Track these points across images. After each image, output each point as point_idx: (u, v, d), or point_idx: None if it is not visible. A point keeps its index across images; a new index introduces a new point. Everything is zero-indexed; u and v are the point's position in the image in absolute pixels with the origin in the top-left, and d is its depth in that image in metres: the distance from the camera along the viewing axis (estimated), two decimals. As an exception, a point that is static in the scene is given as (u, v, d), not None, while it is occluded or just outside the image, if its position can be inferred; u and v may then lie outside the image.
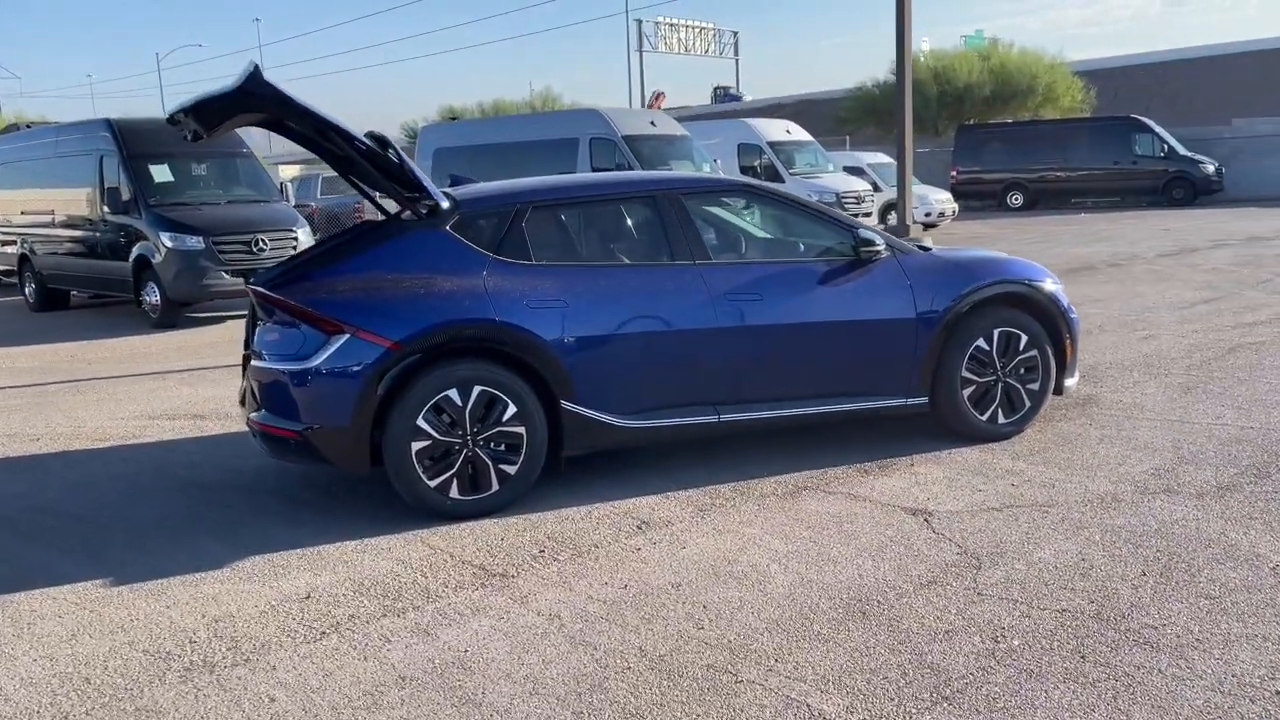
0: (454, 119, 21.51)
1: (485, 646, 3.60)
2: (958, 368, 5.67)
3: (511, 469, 4.97)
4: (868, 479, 5.28)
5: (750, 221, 6.37)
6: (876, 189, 21.90)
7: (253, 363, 4.98)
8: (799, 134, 21.33)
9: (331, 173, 23.13)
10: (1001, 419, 5.82)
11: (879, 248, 5.53)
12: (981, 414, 5.77)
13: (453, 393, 4.83)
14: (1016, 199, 29.78)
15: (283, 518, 5.12)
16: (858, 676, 3.26)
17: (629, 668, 3.39)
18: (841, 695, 3.15)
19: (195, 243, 12.64)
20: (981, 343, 5.71)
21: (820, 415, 5.53)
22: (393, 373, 4.77)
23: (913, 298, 5.59)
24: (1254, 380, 7.02)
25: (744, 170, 19.85)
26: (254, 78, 4.71)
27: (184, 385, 8.89)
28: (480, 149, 18.34)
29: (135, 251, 13.06)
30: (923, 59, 35.31)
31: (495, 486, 4.95)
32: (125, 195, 13.12)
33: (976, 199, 29.65)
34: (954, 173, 30.09)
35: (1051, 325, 5.90)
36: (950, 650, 3.40)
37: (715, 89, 64.51)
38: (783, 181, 19.07)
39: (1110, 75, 42.16)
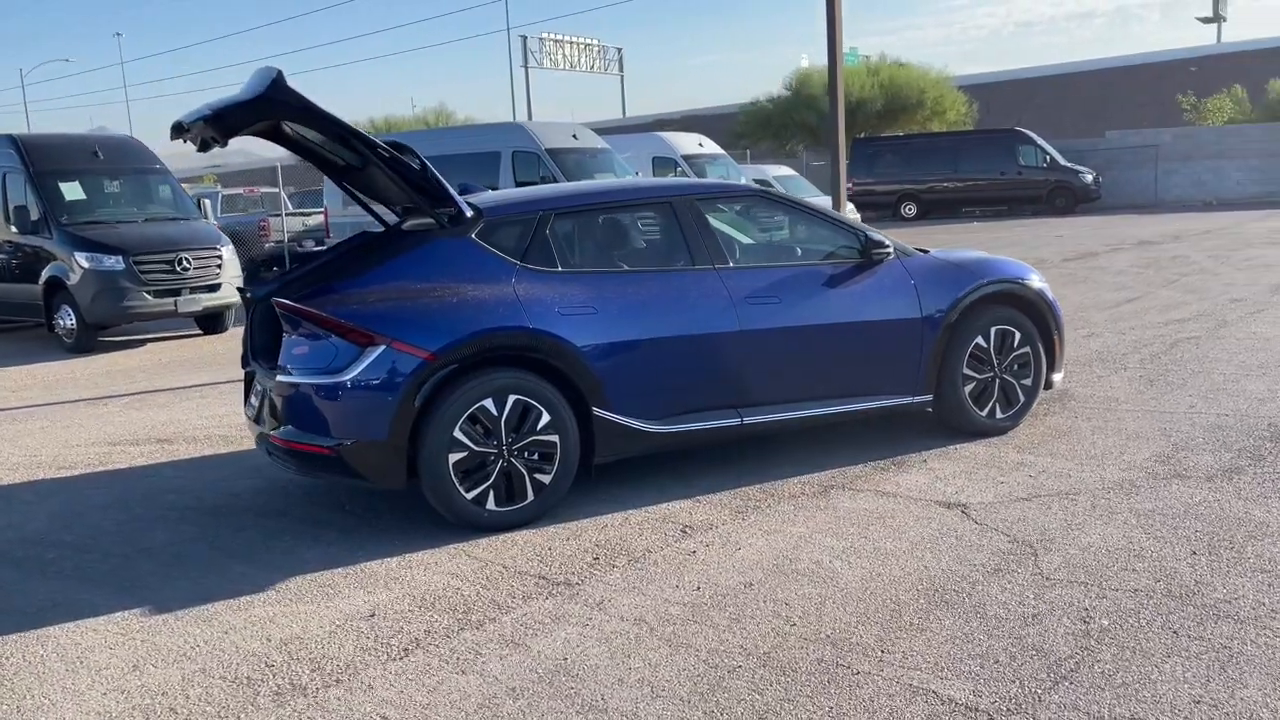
0: (363, 134, 21.14)
1: (583, 653, 3.55)
2: (959, 365, 5.84)
3: (546, 478, 4.91)
4: (888, 476, 5.38)
5: (754, 227, 6.45)
6: (784, 200, 22.23)
7: (278, 378, 4.81)
8: (711, 147, 21.59)
9: (231, 191, 22.37)
10: (999, 414, 6.02)
11: (889, 249, 5.67)
12: (981, 410, 5.95)
13: (488, 402, 4.76)
14: (910, 209, 30.74)
15: (306, 537, 4.96)
16: (969, 662, 3.33)
17: (739, 666, 3.39)
18: (962, 680, 3.21)
19: (114, 263, 12.12)
20: (980, 340, 5.89)
21: (835, 415, 5.62)
22: (430, 384, 4.67)
23: (918, 298, 5.74)
24: (1207, 372, 7.40)
25: (658, 183, 19.93)
26: (277, 84, 4.58)
27: (131, 410, 8.51)
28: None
29: (46, 273, 12.46)
30: (816, 75, 36.19)
31: (530, 496, 4.89)
32: (34, 214, 12.50)
33: (871, 209, 30.40)
34: (850, 184, 30.79)
35: (1041, 322, 6.13)
36: (1045, 632, 3.50)
37: None
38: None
39: (981, 90, 43.90)
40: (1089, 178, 29.41)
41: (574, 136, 17.02)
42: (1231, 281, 12.51)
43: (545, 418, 4.87)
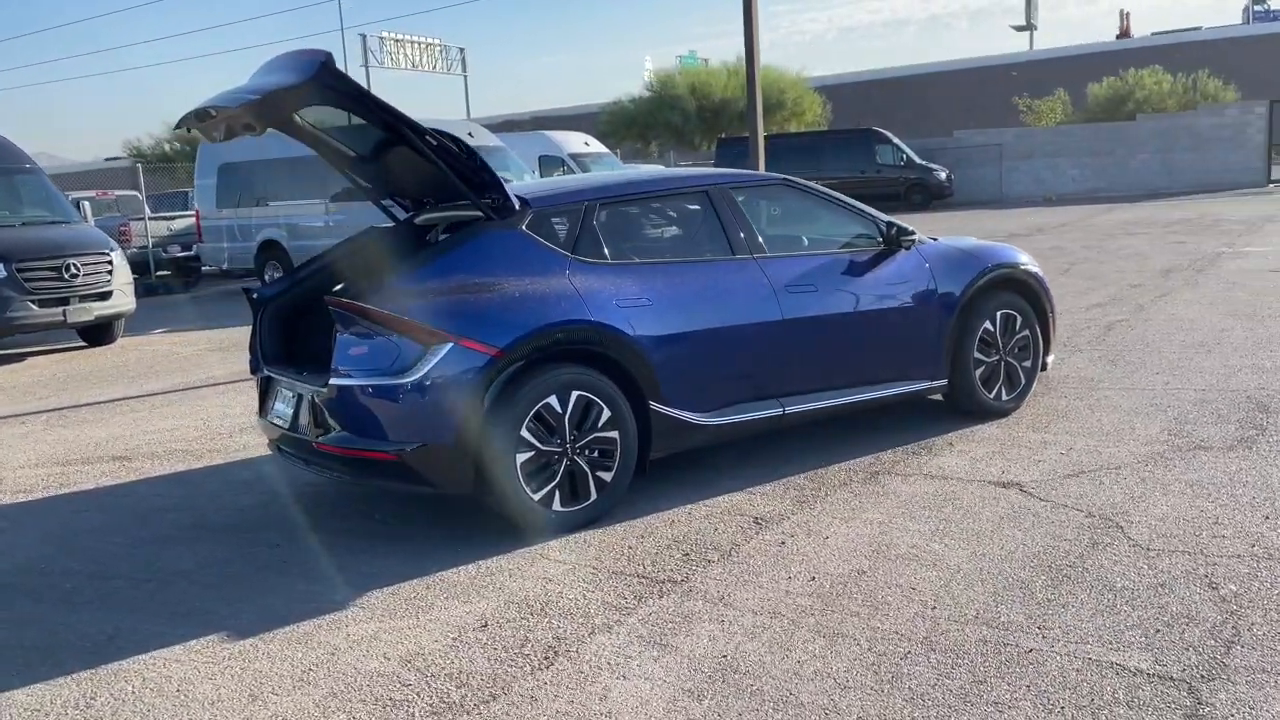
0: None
1: (740, 650, 3.44)
2: (971, 349, 5.96)
3: (607, 476, 4.76)
4: (923, 460, 5.44)
5: (773, 216, 6.43)
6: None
7: (331, 380, 4.50)
8: (596, 146, 21.54)
9: (83, 193, 20.89)
10: (1005, 396, 6.18)
11: (915, 236, 5.74)
12: (990, 392, 6.10)
13: (553, 400, 4.58)
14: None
15: (357, 550, 4.65)
16: (1130, 633, 3.38)
17: (910, 653, 3.35)
18: (1137, 651, 3.26)
19: (-6, 271, 11.16)
20: (988, 324, 6.03)
21: (865, 402, 5.66)
22: (498, 382, 4.46)
23: (935, 284, 5.83)
24: (1156, 351, 7.79)
25: (544, 182, 19.74)
26: (329, 68, 4.29)
27: (58, 428, 7.84)
28: (276, 163, 17.23)
29: (-88, 284, 11.36)
30: (680, 75, 36.60)
31: (594, 495, 4.73)
32: (-105, 220, 11.41)
33: (739, 208, 30.95)
34: (717, 183, 31.28)
35: (1038, 305, 6.33)
36: (1184, 600, 3.59)
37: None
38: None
39: (822, 92, 45.33)
40: (943, 175, 30.73)
41: (469, 134, 16.66)
42: (1120, 269, 13.24)
43: (606, 414, 4.72)
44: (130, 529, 5.20)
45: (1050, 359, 6.51)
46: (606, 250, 4.98)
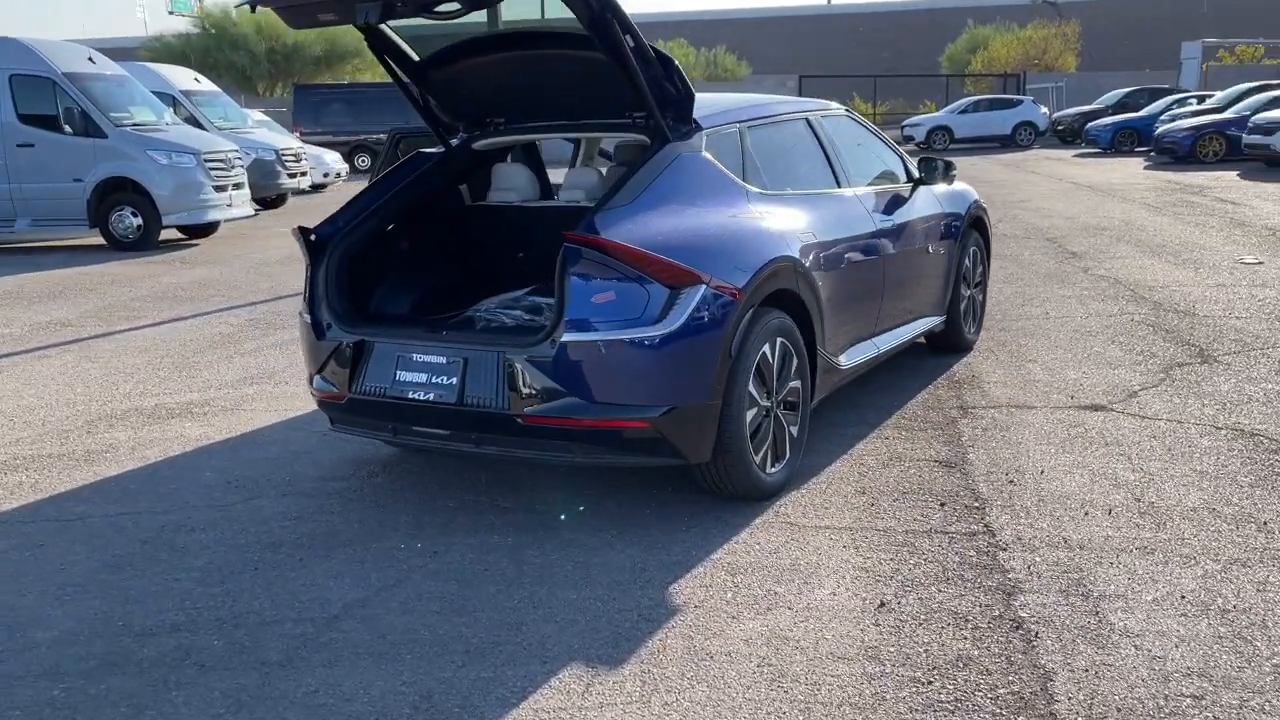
0: None
1: (1187, 589, 3.26)
2: (960, 284, 6.13)
3: (795, 430, 4.28)
4: (975, 393, 5.50)
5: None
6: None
7: (565, 336, 3.53)
8: (207, 84, 18.96)
9: None
10: (973, 331, 6.44)
11: (955, 170, 5.75)
12: (966, 325, 6.31)
13: (767, 349, 4.01)
14: (364, 161, 29.77)
15: (559, 543, 3.75)
16: None
17: (1324, 567, 3.40)
18: None
19: None
20: (967, 260, 6.24)
21: (911, 339, 5.59)
22: (741, 328, 3.80)
23: (948, 219, 5.90)
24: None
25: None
26: None
27: None
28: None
29: None
30: (246, 14, 33.15)
31: (789, 453, 4.23)
32: None
33: (322, 160, 28.95)
34: (298, 133, 28.99)
35: (988, 241, 6.65)
36: None
37: None
38: (209, 136, 17.04)
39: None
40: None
41: (90, 60, 13.93)
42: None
43: (795, 362, 4.23)
44: (164, 558, 3.77)
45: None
46: (765, 179, 4.43)
